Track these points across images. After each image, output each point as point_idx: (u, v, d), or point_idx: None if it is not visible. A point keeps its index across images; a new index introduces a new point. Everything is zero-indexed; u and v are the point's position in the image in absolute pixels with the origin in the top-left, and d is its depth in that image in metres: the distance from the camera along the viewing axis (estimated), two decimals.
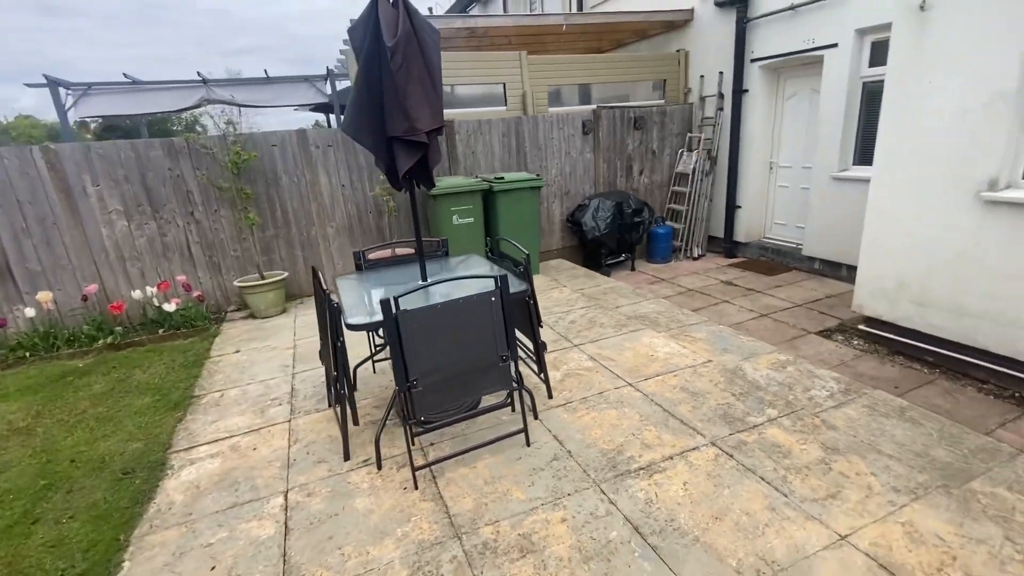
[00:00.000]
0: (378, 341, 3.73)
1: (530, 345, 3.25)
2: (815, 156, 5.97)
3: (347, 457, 2.83)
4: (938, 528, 2.10)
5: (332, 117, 10.90)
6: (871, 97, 5.34)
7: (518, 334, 3.07)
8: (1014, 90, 3.17)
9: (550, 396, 3.32)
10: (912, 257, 3.86)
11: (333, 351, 2.55)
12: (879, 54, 5.14)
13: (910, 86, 3.69)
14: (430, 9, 14.66)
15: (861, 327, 4.42)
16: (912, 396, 3.45)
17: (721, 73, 6.95)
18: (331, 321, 2.53)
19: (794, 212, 6.66)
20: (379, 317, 2.46)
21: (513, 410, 3.05)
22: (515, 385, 2.76)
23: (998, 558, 1.95)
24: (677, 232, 7.41)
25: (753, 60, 6.49)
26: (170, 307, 4.94)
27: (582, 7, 9.86)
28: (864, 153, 5.52)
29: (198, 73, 8.42)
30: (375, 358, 3.72)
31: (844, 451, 2.62)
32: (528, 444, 2.83)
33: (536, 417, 3.08)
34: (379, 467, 2.73)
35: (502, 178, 5.73)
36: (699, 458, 2.65)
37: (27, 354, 4.51)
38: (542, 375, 3.26)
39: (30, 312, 4.68)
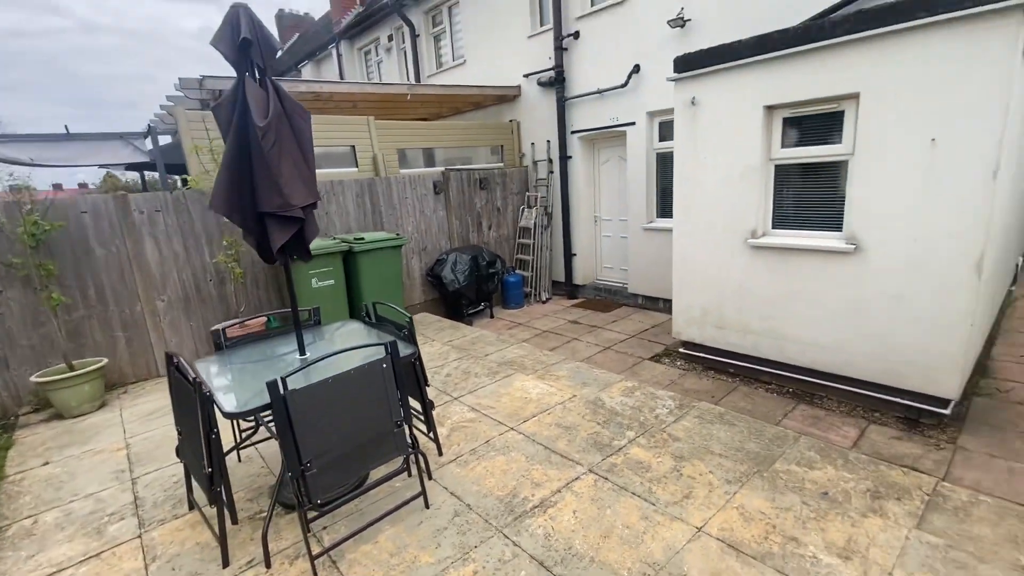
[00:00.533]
0: (244, 426, 3.42)
1: (416, 406, 3.32)
2: (629, 211, 7.19)
3: (226, 563, 2.54)
4: (760, 505, 2.73)
5: (152, 175, 9.63)
6: (664, 163, 6.69)
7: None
8: (758, 165, 4.36)
9: (440, 453, 3.41)
10: (709, 290, 4.90)
11: (207, 445, 2.33)
12: (667, 131, 6.51)
13: (692, 160, 4.80)
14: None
15: (681, 350, 5.38)
16: (725, 402, 4.34)
17: (548, 141, 8.01)
18: (203, 411, 2.32)
19: (618, 257, 7.84)
20: (261, 400, 2.36)
21: (409, 474, 3.07)
22: (411, 449, 2.81)
23: (800, 519, 2.61)
24: (527, 279, 8.11)
25: (573, 132, 7.65)
26: None
27: (420, 75, 10.48)
28: (664, 208, 6.84)
29: None
30: (241, 446, 3.40)
31: (688, 457, 3.21)
32: (427, 506, 2.88)
33: (430, 477, 3.14)
34: (268, 565, 2.51)
35: (362, 238, 5.74)
36: (582, 486, 2.99)
37: None
38: (432, 434, 3.34)
39: None
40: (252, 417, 2.91)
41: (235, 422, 3.34)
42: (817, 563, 2.32)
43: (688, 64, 4.60)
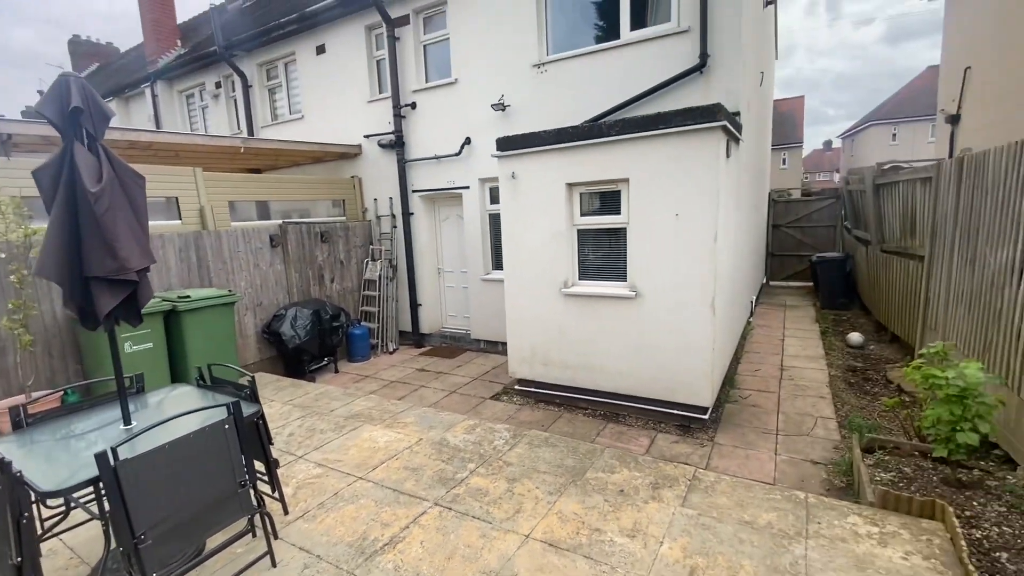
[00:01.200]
0: (46, 514, 3.01)
1: (260, 467, 3.31)
2: (468, 263, 7.89)
3: None
4: (574, 508, 3.34)
5: None
6: (496, 222, 7.56)
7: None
8: (565, 229, 5.34)
9: (286, 512, 3.40)
10: (536, 333, 5.68)
11: (16, 532, 2.12)
12: (496, 195, 7.42)
13: (515, 222, 5.64)
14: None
15: (517, 387, 6.06)
16: (552, 429, 5.04)
17: (391, 198, 8.43)
18: (12, 494, 2.12)
19: (461, 306, 8.44)
20: (85, 475, 2.26)
21: (254, 535, 3.04)
22: (256, 509, 2.84)
23: (603, 513, 3.27)
24: (373, 331, 8.21)
25: (414, 191, 8.21)
26: None
27: (252, 125, 10.17)
28: (498, 261, 7.65)
29: None
30: (43, 537, 2.98)
31: (519, 478, 3.74)
32: (274, 565, 2.89)
33: (276, 536, 3.14)
34: None
35: (188, 296, 5.38)
36: (428, 519, 3.30)
37: None
38: (276, 493, 3.34)
39: None
40: (63, 500, 2.65)
41: (39, 510, 2.94)
42: (613, 545, 2.96)
43: (507, 145, 5.50)
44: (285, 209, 8.14)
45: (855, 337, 7.30)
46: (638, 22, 6.15)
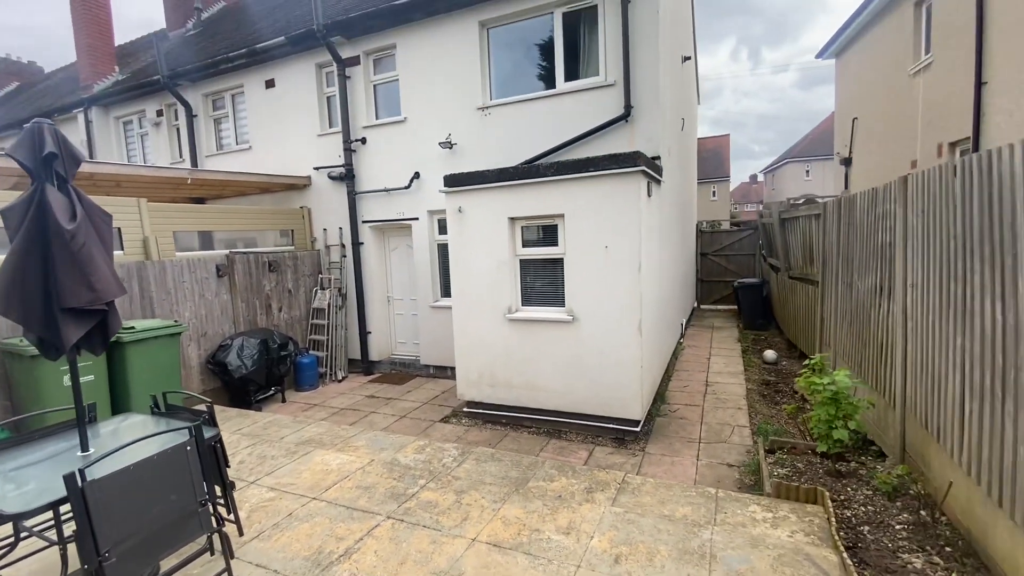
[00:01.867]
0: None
1: (217, 489, 3.43)
2: (417, 291, 8.19)
3: None
4: (516, 513, 3.67)
5: None
6: (444, 252, 7.91)
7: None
8: (508, 259, 5.79)
9: (241, 534, 3.52)
10: (482, 356, 6.04)
11: None
12: (445, 227, 7.81)
13: (462, 252, 6.04)
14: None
15: (465, 409, 6.35)
16: (499, 446, 5.37)
17: (341, 228, 8.64)
18: None
19: (410, 332, 8.67)
20: (52, 496, 2.39)
21: (212, 554, 3.15)
22: (215, 528, 2.98)
23: (542, 516, 3.62)
24: (321, 360, 8.27)
25: (364, 221, 8.47)
26: None
27: (196, 155, 10.10)
28: (446, 288, 8.00)
29: None
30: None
31: (467, 490, 4.04)
32: None
33: (233, 556, 3.26)
34: None
35: (132, 327, 5.35)
36: (381, 531, 3.53)
37: None
38: (232, 515, 3.47)
39: None
40: (12, 531, 2.71)
41: None
42: (550, 542, 3.32)
43: (454, 182, 5.94)
44: (232, 238, 8.16)
45: (770, 354, 8.15)
46: (572, 74, 6.86)
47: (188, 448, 2.83)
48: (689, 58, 9.94)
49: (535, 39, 7.08)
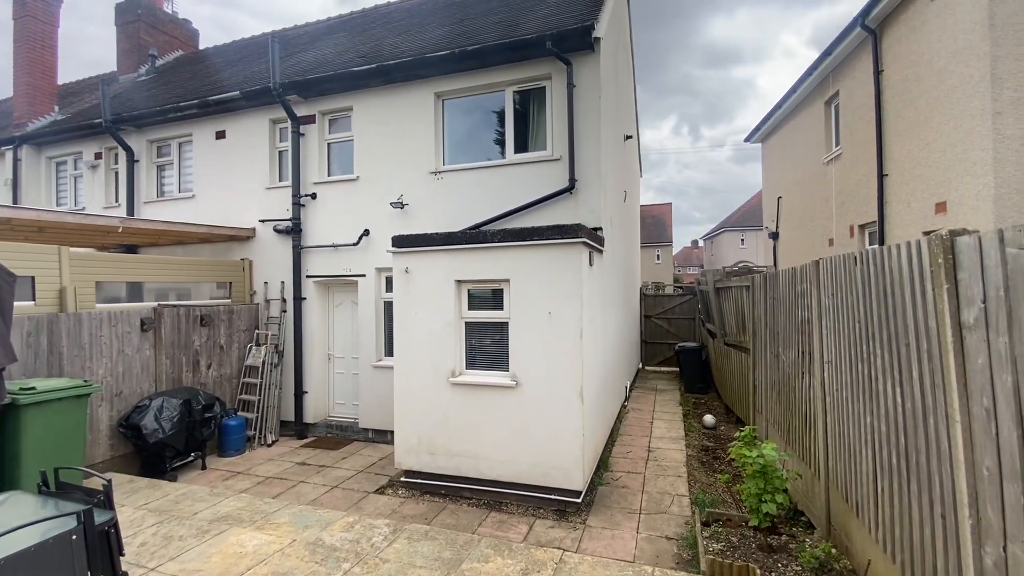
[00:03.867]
0: None
1: None
2: (360, 349, 7.94)
3: None
4: None
5: None
6: (390, 310, 7.80)
7: None
8: (454, 321, 5.76)
9: None
10: (423, 420, 5.84)
11: None
12: (392, 284, 7.75)
13: (408, 313, 5.96)
14: None
15: (403, 479, 6.05)
16: (435, 521, 5.10)
17: (283, 282, 8.38)
18: None
19: (350, 393, 8.32)
20: None
21: None
22: None
23: None
24: (250, 421, 7.74)
25: (309, 276, 8.27)
26: None
27: (134, 201, 9.69)
28: (390, 348, 7.83)
29: None
30: None
31: (395, 574, 3.77)
32: None
33: None
34: None
35: (32, 388, 4.84)
36: None
37: None
38: None
39: None
40: None
41: None
42: None
43: (402, 243, 5.96)
44: (164, 289, 7.73)
45: (709, 419, 8.35)
46: (521, 146, 7.21)
47: (74, 537, 2.52)
48: (631, 136, 10.72)
49: (488, 111, 7.45)
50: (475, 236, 5.65)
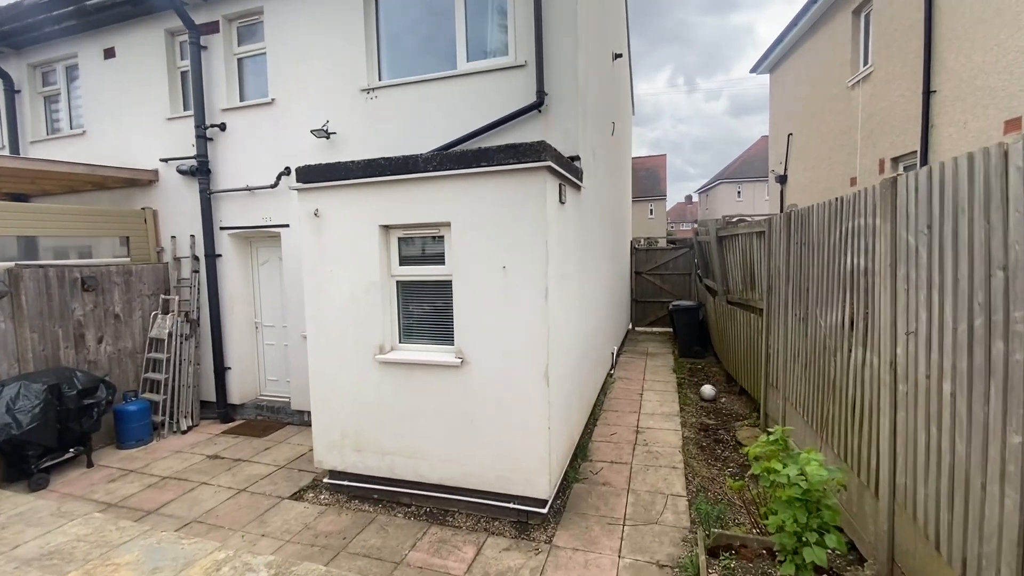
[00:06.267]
0: None
1: None
2: (289, 316, 6.52)
3: None
4: None
5: None
6: None
7: None
8: (379, 282, 4.33)
9: None
10: (346, 409, 4.51)
11: None
12: None
13: (321, 271, 4.52)
14: None
15: (328, 480, 4.76)
16: (357, 540, 3.86)
17: (193, 236, 6.84)
18: None
19: (283, 368, 6.96)
20: None
21: None
22: None
23: None
24: (158, 405, 6.38)
25: (223, 228, 6.72)
26: None
27: (19, 140, 7.95)
28: None
29: None
30: None
31: None
32: None
33: None
34: None
35: None
36: None
37: None
38: None
39: None
40: None
41: None
42: None
43: (309, 175, 4.43)
44: (62, 247, 6.22)
45: (707, 390, 7.13)
46: (477, 52, 5.56)
47: None
48: (621, 55, 8.98)
49: (433, 8, 5.74)
50: (403, 163, 4.13)
